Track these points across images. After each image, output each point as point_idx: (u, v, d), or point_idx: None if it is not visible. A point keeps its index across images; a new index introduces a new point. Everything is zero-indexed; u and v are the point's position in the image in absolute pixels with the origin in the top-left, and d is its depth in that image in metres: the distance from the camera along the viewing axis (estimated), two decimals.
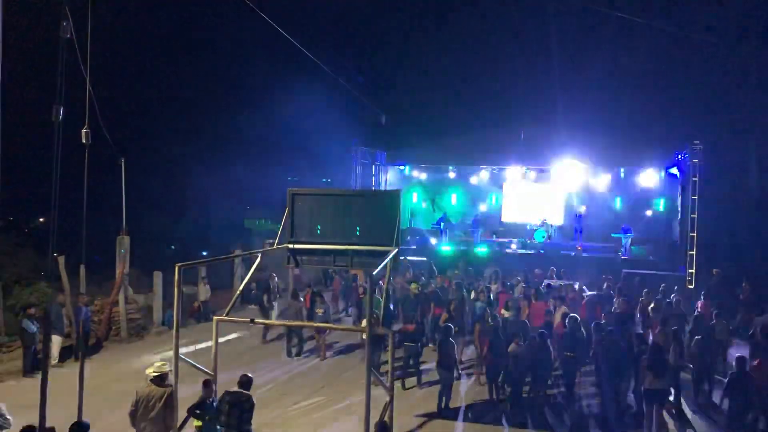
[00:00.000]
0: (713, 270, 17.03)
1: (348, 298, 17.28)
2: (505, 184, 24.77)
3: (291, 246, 8.83)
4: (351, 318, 16.07)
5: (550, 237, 22.24)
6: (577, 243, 21.12)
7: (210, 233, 30.93)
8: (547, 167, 22.88)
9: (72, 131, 12.28)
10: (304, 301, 13.71)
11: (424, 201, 25.96)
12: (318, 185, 27.26)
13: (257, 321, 9.40)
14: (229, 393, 7.11)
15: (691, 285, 17.78)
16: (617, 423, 9.57)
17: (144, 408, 6.81)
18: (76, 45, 11.71)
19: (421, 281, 15.81)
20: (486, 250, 21.32)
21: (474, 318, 12.67)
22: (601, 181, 22.87)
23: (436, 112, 30.29)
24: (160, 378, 6.95)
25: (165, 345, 13.17)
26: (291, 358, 13.06)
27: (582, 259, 19.95)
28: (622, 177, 22.99)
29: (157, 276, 15.66)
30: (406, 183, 25.24)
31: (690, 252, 18.32)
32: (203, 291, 16.75)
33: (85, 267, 14.31)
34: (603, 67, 29.23)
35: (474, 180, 24.75)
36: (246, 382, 7.25)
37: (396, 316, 14.08)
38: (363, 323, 11.64)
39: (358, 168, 23.36)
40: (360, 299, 14.64)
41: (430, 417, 9.70)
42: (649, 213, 22.79)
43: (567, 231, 23.09)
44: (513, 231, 23.67)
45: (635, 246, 20.93)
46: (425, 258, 20.63)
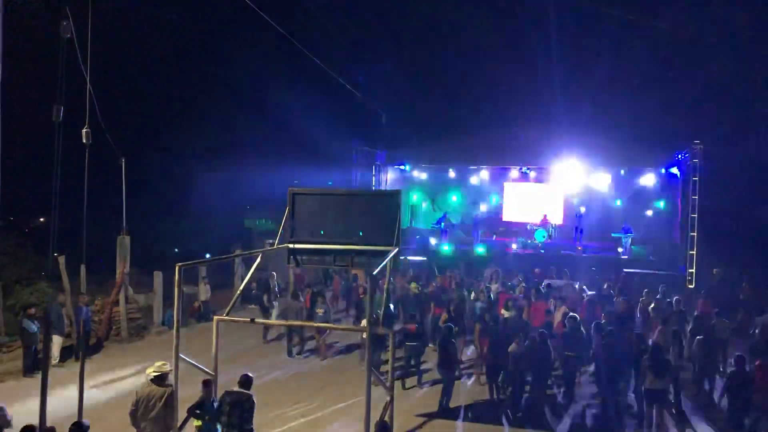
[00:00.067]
0: (713, 270, 17.06)
1: (348, 298, 17.30)
2: (506, 184, 24.76)
3: (291, 246, 8.84)
4: (351, 318, 16.07)
5: (550, 237, 22.24)
6: (578, 243, 21.12)
7: (210, 233, 30.91)
8: (548, 167, 22.88)
9: (73, 131, 12.33)
10: (304, 301, 13.72)
11: (424, 201, 25.96)
12: (318, 185, 27.24)
13: (258, 321, 9.39)
14: (230, 393, 7.11)
15: (691, 285, 17.80)
16: (617, 423, 9.57)
17: (144, 408, 6.82)
18: (76, 45, 11.76)
19: (421, 281, 15.82)
20: (486, 250, 21.31)
21: (474, 318, 12.67)
22: (602, 181, 22.85)
23: (436, 112, 30.26)
24: (160, 378, 6.96)
25: (165, 345, 13.16)
26: (291, 357, 13.07)
27: (582, 259, 19.95)
28: (622, 176, 22.97)
29: (158, 276, 15.68)
30: (406, 183, 25.23)
31: (690, 252, 18.34)
32: (203, 291, 16.76)
33: (86, 267, 14.35)
34: (603, 67, 29.21)
35: (474, 180, 24.75)
36: (246, 381, 7.26)
37: (396, 316, 14.10)
38: (363, 323, 11.66)
39: (358, 168, 23.35)
40: (360, 299, 14.66)
41: (430, 417, 9.70)
42: (650, 213, 22.78)
43: (567, 231, 23.07)
44: (513, 231, 23.67)
45: (635, 246, 20.92)
46: (425, 258, 20.64)
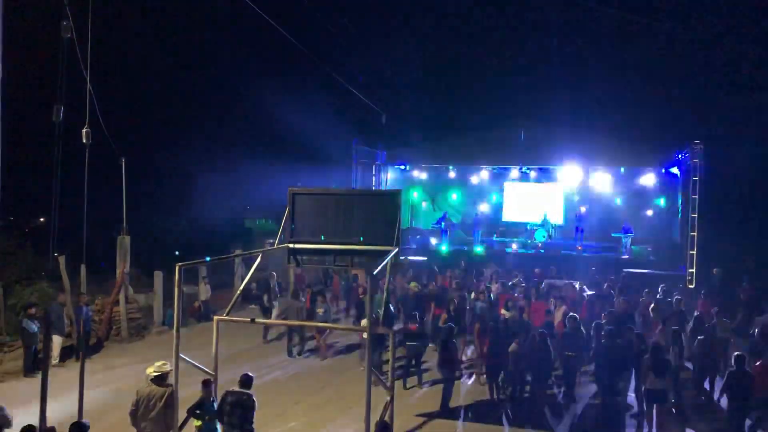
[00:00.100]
0: (713, 269, 17.05)
1: (348, 298, 17.30)
2: (506, 183, 24.76)
3: (291, 246, 8.84)
4: (351, 318, 16.06)
5: (550, 236, 22.23)
6: (578, 243, 21.11)
7: (210, 233, 30.91)
8: (548, 167, 22.87)
9: (73, 131, 12.31)
10: (304, 301, 13.72)
11: (424, 201, 25.96)
12: (319, 185, 27.23)
13: (258, 321, 9.39)
14: (231, 393, 7.11)
15: (692, 284, 17.79)
16: (617, 423, 9.56)
17: (144, 408, 6.82)
18: (76, 45, 11.74)
19: (423, 282, 15.82)
20: (484, 249, 21.31)
21: (474, 318, 12.67)
22: (602, 181, 22.86)
23: (436, 111, 30.30)
24: (160, 378, 6.96)
25: (166, 345, 13.16)
26: (292, 357, 13.07)
27: (582, 259, 19.95)
28: (622, 176, 22.96)
29: (158, 276, 15.68)
30: (406, 183, 25.22)
31: (690, 251, 18.34)
32: (204, 291, 16.76)
33: (86, 267, 14.34)
34: (604, 67, 29.27)
35: (474, 179, 24.74)
36: (247, 381, 7.26)
37: (396, 315, 14.10)
38: (363, 323, 11.66)
39: (358, 167, 23.35)
40: (360, 299, 14.64)
41: (430, 417, 9.70)
42: (650, 212, 22.78)
43: (567, 230, 23.07)
44: (513, 231, 23.67)
45: (636, 245, 20.92)
46: (425, 258, 20.64)
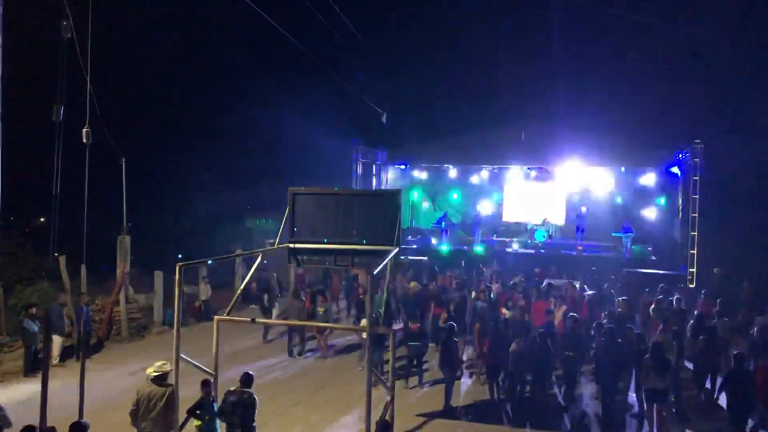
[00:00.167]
0: (714, 269, 17.03)
1: (349, 297, 17.30)
2: (506, 183, 24.76)
3: (292, 245, 8.84)
4: (352, 318, 16.07)
5: (551, 236, 22.23)
6: (578, 242, 21.10)
7: (211, 233, 30.92)
8: (548, 166, 22.87)
9: (74, 131, 12.33)
10: (305, 301, 13.71)
11: (424, 200, 25.96)
12: (319, 185, 27.22)
13: (258, 320, 9.40)
14: (232, 392, 7.12)
15: (692, 284, 17.79)
16: (617, 423, 9.56)
17: (145, 407, 6.82)
18: (76, 45, 11.75)
19: (423, 281, 15.81)
20: (485, 249, 21.30)
21: (474, 317, 12.66)
22: (602, 181, 22.84)
23: (436, 111, 30.27)
24: (160, 377, 6.96)
25: (166, 345, 13.17)
26: (292, 357, 13.07)
27: (583, 259, 19.93)
28: (623, 176, 22.95)
29: (158, 275, 15.67)
30: (406, 183, 25.23)
31: (691, 251, 18.33)
32: (204, 290, 16.76)
33: (86, 267, 14.35)
34: (604, 67, 29.24)
35: (475, 179, 24.74)
36: (247, 380, 7.27)
37: (396, 315, 14.09)
38: (363, 323, 11.66)
39: (358, 167, 23.35)
40: (360, 299, 14.64)
41: (430, 416, 9.70)
42: (650, 212, 22.78)
43: (568, 230, 23.07)
44: (514, 230, 23.66)
45: (636, 245, 20.91)
46: (426, 257, 20.63)
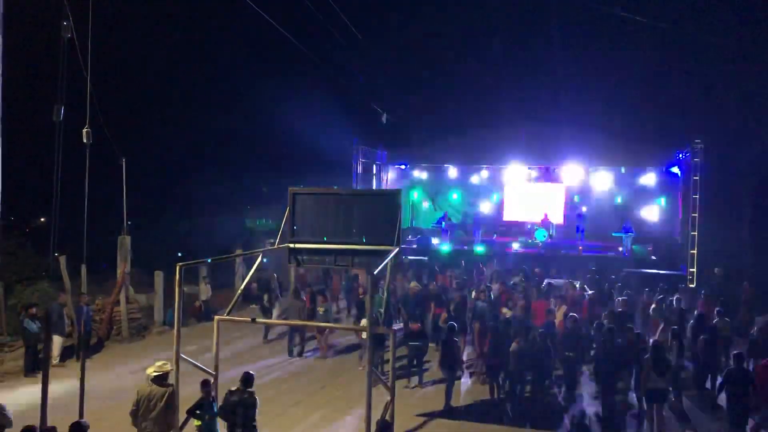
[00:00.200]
0: (715, 269, 17.02)
1: (349, 297, 17.29)
2: (506, 183, 24.74)
3: (292, 246, 8.84)
4: (352, 318, 16.06)
5: (551, 236, 22.22)
6: (579, 242, 21.09)
7: (211, 233, 30.94)
8: (549, 166, 22.86)
9: (74, 131, 12.33)
10: (305, 300, 13.71)
11: (425, 200, 25.95)
12: (320, 185, 27.24)
13: (259, 320, 9.40)
14: (232, 392, 7.12)
15: (692, 284, 17.78)
16: (617, 423, 9.56)
17: (145, 407, 6.83)
18: (77, 45, 11.76)
19: (423, 281, 15.80)
20: (486, 249, 21.30)
21: (475, 317, 12.66)
22: (602, 180, 22.84)
23: (437, 111, 30.28)
24: (161, 377, 6.96)
25: (166, 345, 13.18)
26: (292, 357, 13.07)
27: (583, 259, 19.93)
28: (623, 175, 22.94)
29: (158, 276, 15.67)
30: (406, 183, 25.22)
31: (691, 251, 18.32)
32: (204, 290, 16.75)
33: (87, 267, 14.35)
34: (604, 67, 29.24)
35: (475, 179, 24.73)
36: (248, 379, 7.26)
37: (396, 315, 14.08)
38: (362, 323, 11.66)
39: (359, 167, 23.35)
40: (360, 299, 14.64)
41: (431, 416, 9.70)
42: (651, 212, 22.77)
43: (568, 230, 23.06)
44: (514, 230, 23.65)
45: (636, 245, 20.91)
46: (426, 257, 20.63)
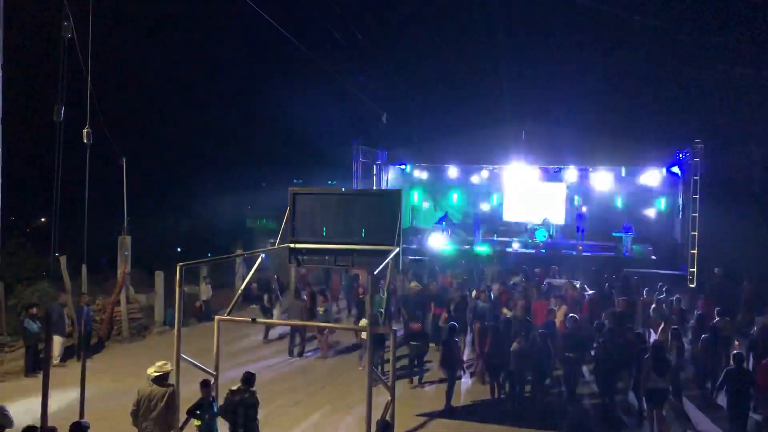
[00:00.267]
0: (715, 269, 17.01)
1: (349, 297, 17.28)
2: (506, 183, 24.72)
3: (292, 245, 8.85)
4: (353, 318, 16.06)
5: (551, 236, 22.21)
6: (579, 242, 21.09)
7: (212, 233, 30.97)
8: (549, 166, 22.84)
9: (75, 131, 12.33)
10: (306, 300, 13.72)
11: (425, 200, 25.94)
12: (321, 184, 27.25)
13: (259, 320, 9.40)
14: (234, 392, 7.13)
15: (692, 284, 17.78)
16: (618, 423, 9.56)
17: (146, 407, 6.83)
18: (77, 45, 11.76)
19: (424, 281, 15.80)
20: (487, 249, 21.30)
21: (475, 317, 12.67)
22: (602, 180, 22.82)
23: (437, 111, 30.32)
24: (161, 377, 6.97)
25: (167, 345, 13.17)
26: (293, 357, 13.07)
27: (583, 259, 19.93)
28: (623, 176, 22.93)
29: (159, 276, 15.67)
30: (406, 183, 25.20)
31: (691, 251, 18.32)
32: (205, 290, 16.75)
33: (87, 267, 14.36)
34: (604, 67, 29.26)
35: (475, 179, 24.71)
36: (249, 379, 7.27)
37: (396, 315, 14.08)
38: (362, 322, 11.67)
39: (359, 167, 23.34)
40: (360, 299, 14.63)
41: (431, 416, 9.71)
42: (651, 212, 22.76)
43: (568, 230, 23.06)
44: (514, 230, 23.64)
45: (636, 245, 20.90)
46: (426, 257, 20.62)
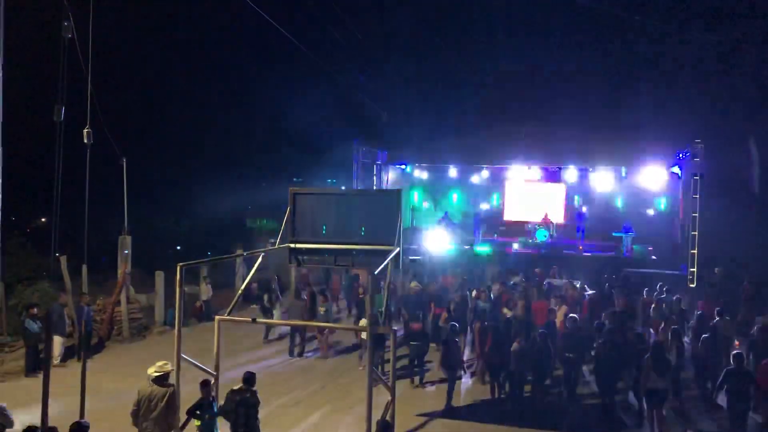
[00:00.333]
0: (715, 269, 17.02)
1: (349, 297, 17.28)
2: (507, 182, 24.71)
3: (292, 245, 8.85)
4: (353, 318, 16.06)
5: (552, 236, 22.21)
6: (579, 242, 21.08)
7: (212, 233, 30.97)
8: (549, 166, 22.83)
9: (75, 131, 12.34)
10: (306, 300, 13.71)
11: (425, 201, 25.93)
12: (321, 185, 27.25)
13: (259, 320, 9.41)
14: (235, 391, 7.14)
15: (692, 284, 17.77)
16: (618, 422, 9.56)
17: (146, 407, 6.83)
18: (77, 45, 11.77)
19: (424, 281, 15.80)
20: (487, 249, 21.29)
21: (475, 317, 12.67)
22: (603, 180, 22.81)
23: (437, 111, 30.30)
24: (161, 377, 6.97)
25: (167, 345, 13.17)
26: (293, 357, 13.07)
27: (583, 258, 19.92)
28: (623, 176, 22.93)
29: (159, 276, 15.67)
30: (406, 183, 25.19)
31: (692, 251, 18.31)
32: (205, 290, 16.74)
33: (87, 267, 14.36)
34: (604, 66, 29.26)
35: (475, 179, 24.70)
36: (250, 378, 7.28)
37: (396, 315, 14.07)
38: (362, 322, 11.67)
39: (359, 167, 23.32)
40: (360, 299, 14.62)
41: (431, 416, 9.71)
42: (651, 212, 22.75)
43: (568, 230, 23.05)
44: (514, 230, 23.62)
45: (637, 245, 20.90)
46: (426, 257, 20.61)
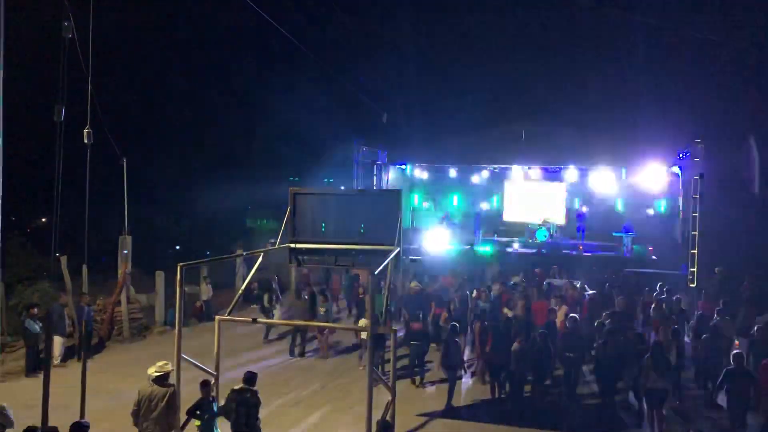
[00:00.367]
0: (716, 269, 17.00)
1: (349, 297, 17.28)
2: (507, 183, 24.70)
3: (293, 245, 8.85)
4: (353, 318, 16.06)
5: (552, 236, 22.21)
6: (579, 242, 21.08)
7: (212, 233, 30.96)
8: (549, 166, 22.83)
9: (75, 131, 12.33)
10: (307, 300, 13.71)
11: (425, 201, 25.93)
12: (321, 184, 27.24)
13: (260, 320, 9.41)
14: (236, 391, 7.14)
15: (693, 284, 17.76)
16: (617, 423, 9.56)
17: (146, 408, 6.83)
18: (77, 45, 11.76)
19: (424, 281, 15.79)
20: (488, 249, 21.30)
21: (475, 317, 12.66)
22: (603, 180, 22.80)
23: (437, 111, 30.31)
24: (162, 378, 6.97)
25: (167, 345, 13.17)
26: (293, 357, 13.07)
27: (584, 259, 19.92)
28: (623, 176, 22.91)
29: (159, 276, 15.68)
30: (407, 183, 25.18)
31: (692, 251, 18.30)
32: (205, 290, 16.74)
33: (88, 267, 14.36)
34: (605, 66, 29.25)
35: (475, 179, 24.69)
36: (251, 378, 7.28)
37: (396, 315, 14.07)
38: (361, 322, 11.67)
39: (359, 167, 23.31)
40: (360, 299, 14.62)
41: (431, 416, 9.71)
42: (651, 212, 22.74)
43: (568, 230, 23.05)
44: (515, 230, 23.62)
45: (637, 245, 20.89)
46: (427, 257, 20.61)
